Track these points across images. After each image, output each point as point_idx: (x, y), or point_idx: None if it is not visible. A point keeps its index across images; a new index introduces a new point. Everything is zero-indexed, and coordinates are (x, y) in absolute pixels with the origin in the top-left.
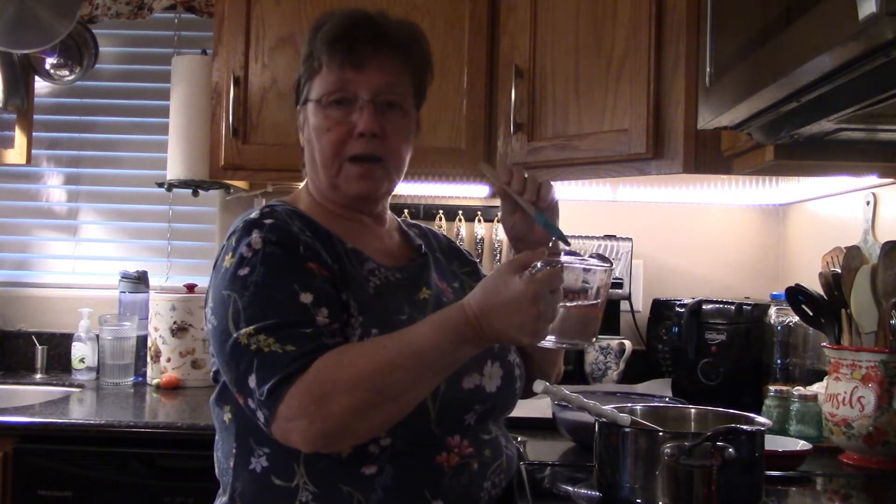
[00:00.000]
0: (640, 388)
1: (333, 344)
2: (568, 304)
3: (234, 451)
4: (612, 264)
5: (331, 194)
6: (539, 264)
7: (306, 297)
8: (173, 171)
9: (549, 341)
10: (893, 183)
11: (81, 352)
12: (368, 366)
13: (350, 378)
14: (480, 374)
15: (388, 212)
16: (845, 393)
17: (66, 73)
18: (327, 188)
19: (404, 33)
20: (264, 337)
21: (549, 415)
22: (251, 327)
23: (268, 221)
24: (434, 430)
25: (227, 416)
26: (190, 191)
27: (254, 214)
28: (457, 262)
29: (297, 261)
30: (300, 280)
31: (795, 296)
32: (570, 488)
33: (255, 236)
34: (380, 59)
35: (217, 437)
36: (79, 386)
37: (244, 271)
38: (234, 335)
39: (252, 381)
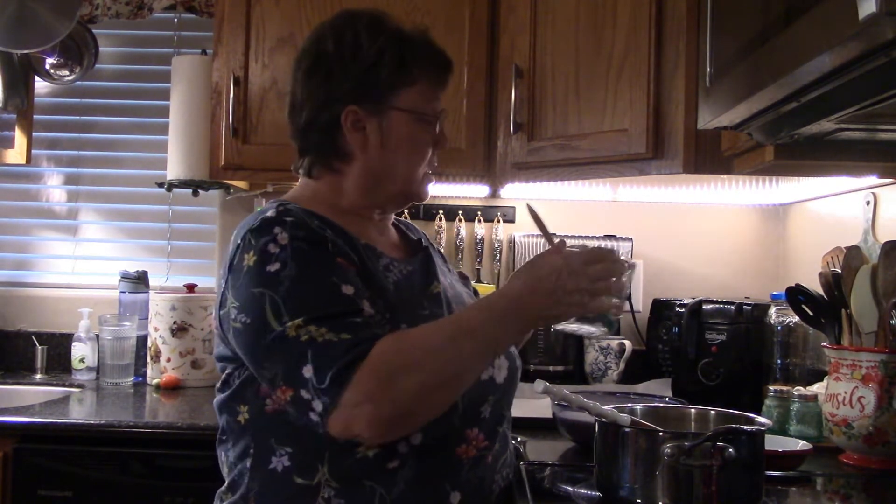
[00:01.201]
0: (640, 388)
1: (383, 333)
2: None
3: (251, 451)
4: (634, 265)
5: (384, 200)
6: None
7: (347, 289)
8: (173, 171)
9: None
10: (893, 183)
11: (81, 352)
12: (429, 346)
13: (412, 360)
14: (492, 365)
15: None
16: (845, 393)
17: (66, 73)
18: (392, 195)
19: None
20: (315, 327)
21: (549, 415)
22: (299, 319)
23: (289, 219)
24: (456, 424)
25: (242, 418)
26: (190, 191)
27: (270, 213)
28: (439, 257)
29: (328, 256)
30: (337, 273)
31: (795, 296)
32: (570, 488)
33: (281, 233)
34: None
35: (225, 439)
36: (79, 386)
37: (274, 267)
38: (279, 329)
39: (308, 371)
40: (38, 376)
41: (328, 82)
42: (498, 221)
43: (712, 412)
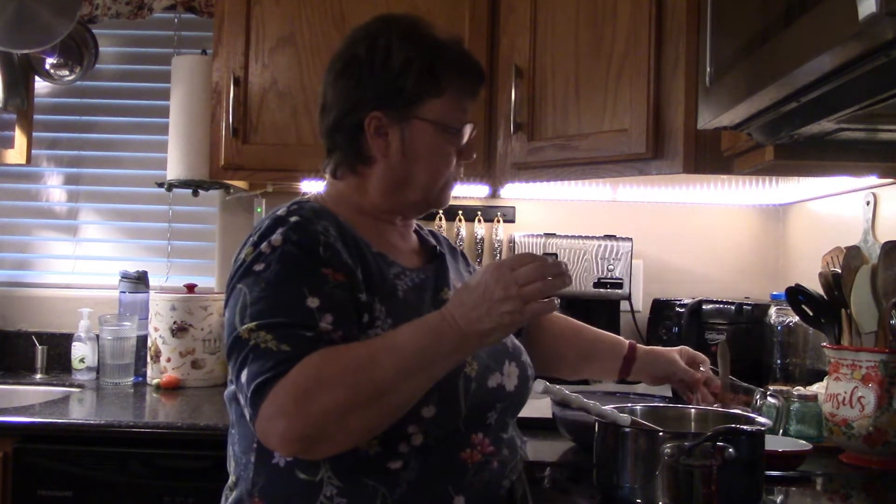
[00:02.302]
0: (640, 388)
1: None
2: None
3: (255, 445)
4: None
5: (406, 208)
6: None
7: (312, 302)
8: (173, 171)
9: None
10: (893, 183)
11: (81, 352)
12: (349, 363)
13: (330, 375)
14: (501, 373)
15: None
16: (845, 393)
17: (66, 73)
18: (413, 203)
19: None
20: (264, 333)
21: (549, 415)
22: (254, 323)
23: (293, 219)
24: (461, 428)
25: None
26: (190, 191)
27: (281, 211)
28: (462, 262)
29: (312, 264)
30: (310, 284)
31: (795, 296)
32: (570, 488)
33: (277, 234)
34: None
35: (233, 432)
36: (79, 386)
37: (259, 267)
38: (238, 330)
39: (244, 377)
40: (38, 376)
41: (356, 87)
42: (498, 221)
43: (712, 412)
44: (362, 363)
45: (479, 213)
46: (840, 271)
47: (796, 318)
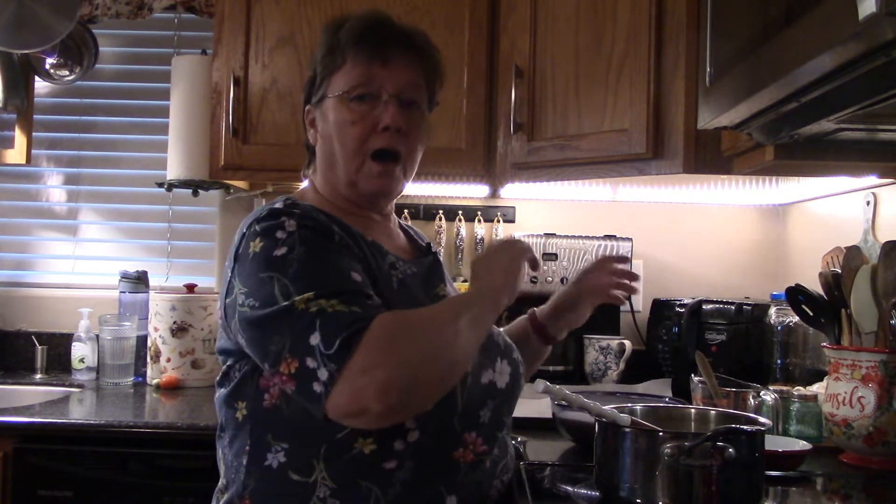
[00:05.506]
0: (640, 388)
1: None
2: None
3: (247, 448)
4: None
5: (347, 191)
6: None
7: (356, 276)
8: (173, 171)
9: None
10: (893, 183)
11: (81, 352)
12: (417, 317)
13: (409, 327)
14: (493, 370)
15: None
16: (845, 393)
17: (66, 73)
18: (345, 185)
19: (421, 39)
20: (325, 300)
21: (549, 415)
22: (309, 293)
23: (297, 210)
24: (455, 425)
25: (240, 413)
26: (190, 191)
27: (278, 204)
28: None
29: (336, 245)
30: (345, 261)
31: (795, 296)
32: (570, 488)
33: (288, 221)
34: (405, 57)
35: (223, 436)
36: (79, 386)
37: (281, 251)
38: (287, 303)
39: (315, 339)
40: (38, 376)
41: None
42: (498, 221)
43: (712, 412)
44: (427, 315)
45: (479, 213)
46: (840, 271)
47: (796, 318)
